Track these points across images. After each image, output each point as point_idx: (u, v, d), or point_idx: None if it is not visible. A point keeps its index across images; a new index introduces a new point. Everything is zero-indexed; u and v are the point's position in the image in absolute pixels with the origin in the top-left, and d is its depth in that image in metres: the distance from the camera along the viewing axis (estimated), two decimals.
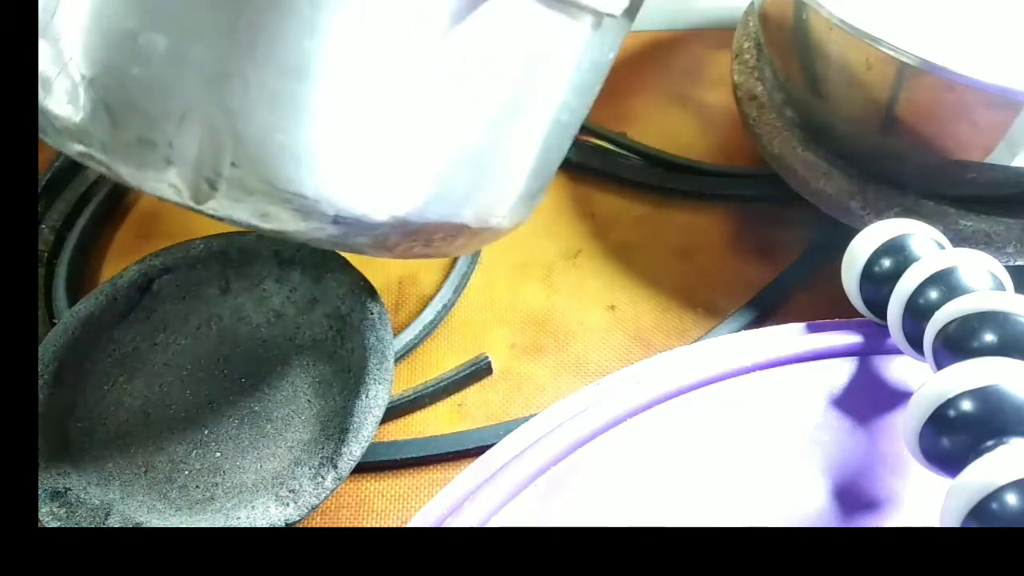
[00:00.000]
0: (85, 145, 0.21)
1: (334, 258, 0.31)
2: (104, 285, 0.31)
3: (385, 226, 0.23)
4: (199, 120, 0.20)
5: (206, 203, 0.21)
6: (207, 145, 0.20)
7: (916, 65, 0.26)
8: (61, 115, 0.21)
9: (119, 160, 0.21)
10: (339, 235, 0.22)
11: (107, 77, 0.20)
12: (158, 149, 0.20)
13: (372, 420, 0.28)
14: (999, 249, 0.30)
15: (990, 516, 0.17)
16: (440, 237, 0.24)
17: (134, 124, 0.20)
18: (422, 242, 0.24)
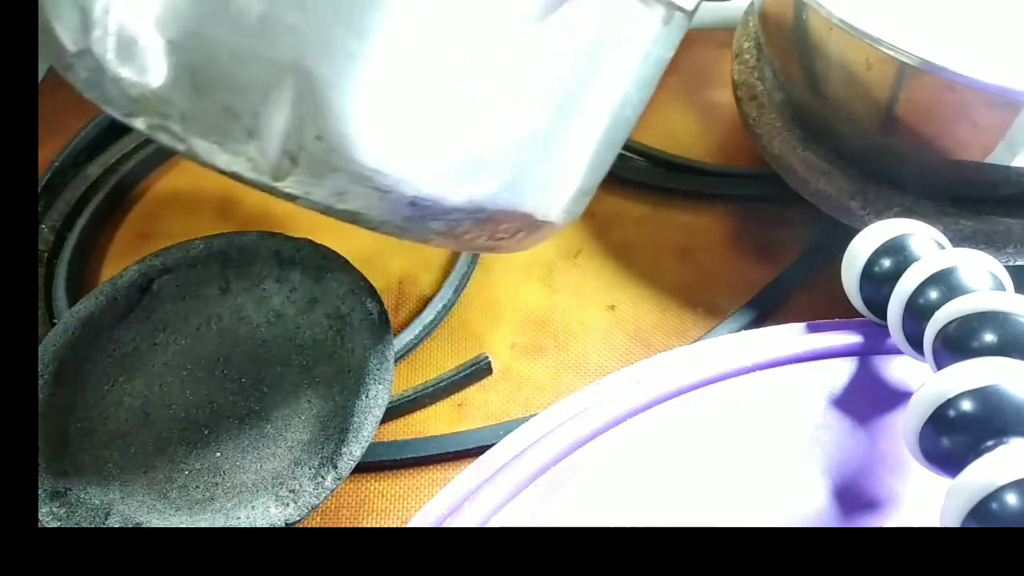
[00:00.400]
0: (161, 116, 0.20)
1: (334, 258, 0.31)
2: (104, 285, 0.31)
3: (460, 211, 0.22)
4: (289, 90, 0.19)
5: (284, 180, 0.20)
6: (294, 116, 0.20)
7: (916, 65, 0.26)
8: (139, 82, 0.20)
9: (197, 131, 0.20)
10: (413, 218, 0.22)
11: (194, 42, 0.19)
12: (241, 120, 0.20)
13: (372, 420, 0.28)
14: (999, 249, 0.30)
15: (990, 516, 0.17)
16: (505, 228, 0.24)
17: (219, 92, 0.19)
18: (488, 233, 0.24)
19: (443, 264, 0.37)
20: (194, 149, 0.20)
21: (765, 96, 0.36)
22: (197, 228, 0.39)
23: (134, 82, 0.20)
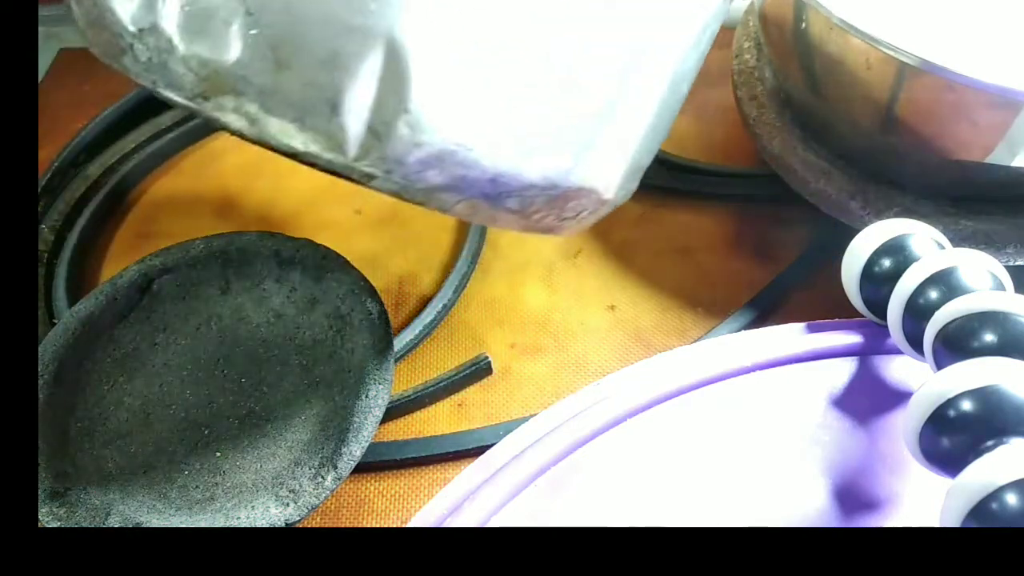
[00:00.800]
0: (235, 94, 0.19)
1: (334, 258, 0.31)
2: (104, 285, 0.31)
3: (536, 188, 0.22)
4: (377, 61, 0.18)
5: (365, 158, 0.20)
6: (381, 90, 0.19)
7: (916, 65, 0.26)
8: (212, 58, 0.19)
9: (275, 109, 0.19)
10: (491, 196, 0.22)
11: (276, 11, 0.18)
12: (325, 94, 0.19)
13: (372, 420, 0.28)
14: (999, 249, 0.30)
15: (990, 516, 0.17)
16: (572, 206, 0.24)
17: (302, 66, 0.18)
18: (556, 212, 0.24)
19: (443, 264, 0.37)
20: (267, 130, 0.19)
21: (765, 96, 0.36)
22: (197, 228, 0.39)
23: (206, 59, 0.19)
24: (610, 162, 0.24)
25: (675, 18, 0.23)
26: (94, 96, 0.46)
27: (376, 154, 0.20)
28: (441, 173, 0.21)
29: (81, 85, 0.48)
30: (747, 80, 0.37)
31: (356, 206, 0.40)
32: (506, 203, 0.22)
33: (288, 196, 0.40)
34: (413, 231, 0.38)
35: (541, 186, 0.22)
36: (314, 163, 0.20)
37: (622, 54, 0.22)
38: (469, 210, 0.22)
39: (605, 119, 0.23)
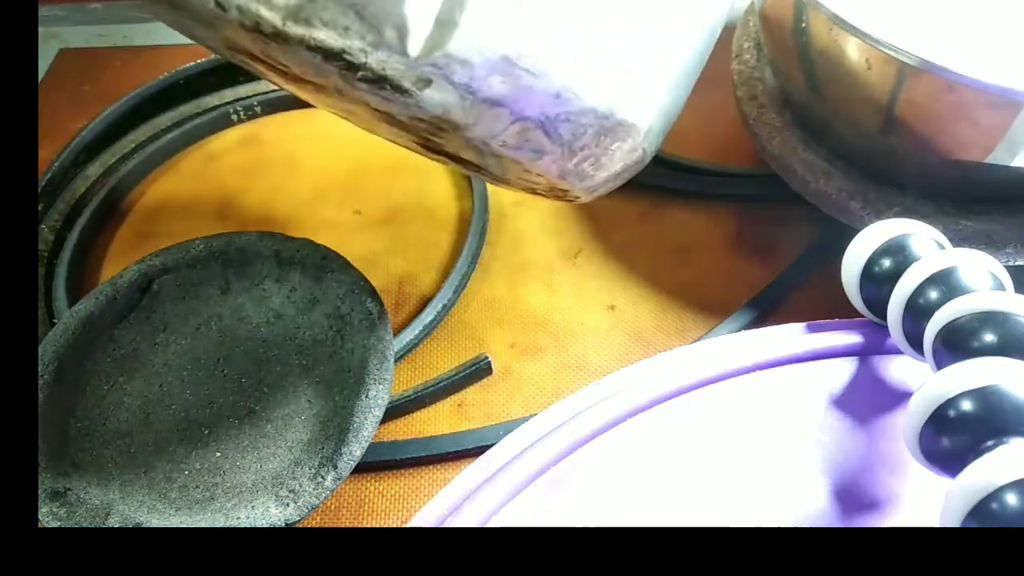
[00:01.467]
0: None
1: (334, 258, 0.31)
2: (104, 285, 0.31)
3: (592, 114, 0.22)
4: None
5: (428, 56, 0.18)
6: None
7: (916, 65, 0.26)
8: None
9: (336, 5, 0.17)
10: (548, 117, 0.21)
11: None
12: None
13: (372, 420, 0.28)
14: (999, 249, 0.30)
15: (990, 516, 0.17)
16: (614, 148, 0.24)
17: None
18: (596, 153, 0.23)
19: (443, 264, 0.37)
20: (317, 33, 0.17)
21: (765, 96, 0.36)
22: (197, 228, 0.39)
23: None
24: (652, 106, 0.24)
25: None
26: (94, 96, 0.46)
27: (440, 52, 0.18)
28: (506, 80, 0.20)
29: (81, 85, 0.48)
30: (747, 80, 0.37)
31: (356, 206, 0.40)
32: (559, 129, 0.21)
33: (288, 196, 0.40)
34: (413, 231, 0.38)
35: (598, 112, 0.22)
36: (355, 72, 0.19)
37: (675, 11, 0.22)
38: (517, 139, 0.21)
39: (658, 60, 0.23)
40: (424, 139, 0.24)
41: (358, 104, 0.22)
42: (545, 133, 0.22)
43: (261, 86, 0.45)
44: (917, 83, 0.27)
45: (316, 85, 0.21)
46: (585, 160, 0.24)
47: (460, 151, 0.24)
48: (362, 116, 0.24)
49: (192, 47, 0.50)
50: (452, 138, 0.22)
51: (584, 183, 0.25)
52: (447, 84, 0.19)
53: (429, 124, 0.21)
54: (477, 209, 0.38)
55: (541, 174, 0.24)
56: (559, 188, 0.25)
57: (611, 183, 0.26)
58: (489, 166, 0.25)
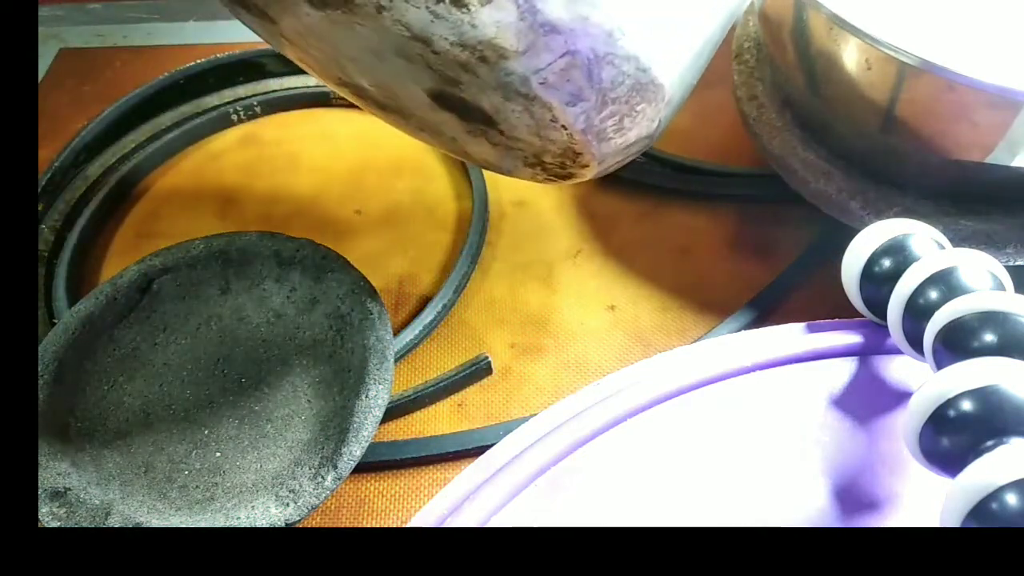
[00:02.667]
0: None
1: (334, 258, 0.31)
2: (104, 285, 0.31)
3: (634, 62, 0.22)
4: None
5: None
6: None
7: (916, 65, 0.26)
8: None
9: None
10: (596, 55, 0.21)
11: None
12: None
13: (372, 420, 0.28)
14: (999, 249, 0.30)
15: (990, 516, 0.17)
16: (639, 110, 0.24)
17: None
18: (624, 112, 0.24)
19: (443, 264, 0.37)
20: None
21: (765, 96, 0.36)
22: (197, 228, 0.39)
23: None
24: (681, 76, 0.24)
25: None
26: (94, 96, 0.46)
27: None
28: (568, 7, 0.20)
29: (81, 85, 0.48)
30: (747, 80, 0.37)
31: (356, 206, 0.40)
32: (602, 72, 0.22)
33: (288, 196, 0.40)
34: (413, 231, 0.38)
35: (640, 63, 0.22)
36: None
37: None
38: (559, 76, 0.21)
39: (694, 31, 0.23)
40: (446, 81, 0.23)
41: (386, 31, 0.21)
42: (588, 74, 0.21)
43: (261, 86, 0.45)
44: (917, 83, 0.27)
45: (346, 5, 0.21)
46: (611, 117, 0.23)
47: (480, 97, 0.23)
48: (368, 59, 0.24)
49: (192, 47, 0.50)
50: (484, 76, 0.22)
51: (600, 147, 0.25)
52: (511, 1, 0.19)
53: (470, 54, 0.21)
54: (477, 209, 0.38)
55: (566, 126, 0.23)
56: (573, 151, 0.25)
57: (619, 156, 0.26)
58: (507, 119, 0.24)
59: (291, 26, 0.25)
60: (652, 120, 0.25)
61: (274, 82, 0.45)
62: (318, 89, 0.44)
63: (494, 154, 0.28)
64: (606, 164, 0.26)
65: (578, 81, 0.22)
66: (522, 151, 0.26)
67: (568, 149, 0.25)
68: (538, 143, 0.25)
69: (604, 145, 0.25)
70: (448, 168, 0.41)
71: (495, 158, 0.28)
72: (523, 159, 0.27)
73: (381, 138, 0.42)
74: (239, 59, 0.45)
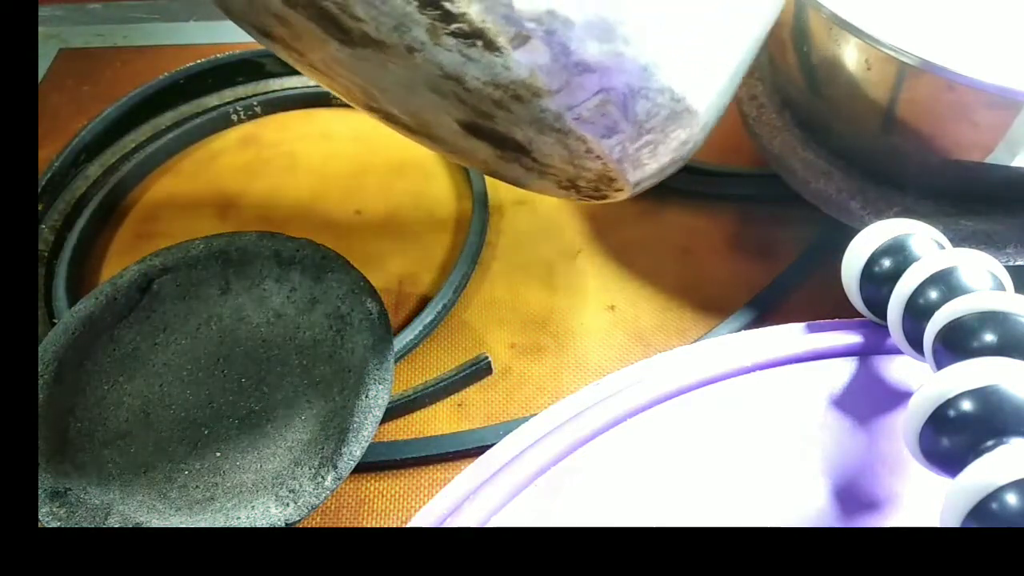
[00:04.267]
0: None
1: (334, 258, 0.31)
2: (104, 285, 0.31)
3: (669, 94, 0.22)
4: None
5: (535, 9, 0.18)
6: None
7: (916, 65, 0.26)
8: None
9: None
10: (631, 90, 0.21)
11: None
12: None
13: (372, 420, 0.28)
14: (999, 249, 0.30)
15: (990, 516, 0.17)
16: (674, 137, 0.24)
17: None
18: (659, 140, 0.23)
19: (443, 264, 0.37)
20: None
21: (765, 96, 0.36)
22: (197, 228, 0.39)
23: None
24: (715, 101, 0.24)
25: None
26: (94, 96, 0.46)
27: (545, 7, 0.18)
28: (601, 46, 0.19)
29: (81, 85, 0.48)
30: (747, 80, 0.37)
31: (356, 206, 0.40)
32: (636, 106, 0.21)
33: (288, 196, 0.40)
34: (413, 231, 0.38)
35: (674, 94, 0.22)
36: (448, 23, 0.18)
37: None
38: (594, 112, 0.21)
39: (729, 56, 0.23)
40: (479, 114, 0.23)
41: (417, 68, 0.21)
42: (623, 108, 0.21)
43: (261, 86, 0.45)
44: (917, 83, 0.27)
45: (377, 45, 0.20)
46: (646, 145, 0.23)
47: (513, 129, 0.23)
48: (399, 91, 0.24)
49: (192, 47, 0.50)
50: (517, 112, 0.22)
51: (635, 173, 0.24)
52: (544, 43, 0.18)
53: (503, 92, 0.20)
54: (477, 209, 0.38)
55: (601, 156, 0.23)
56: (608, 177, 0.25)
57: (654, 179, 0.26)
58: (540, 149, 0.24)
59: (320, 58, 0.25)
60: (686, 143, 0.25)
61: (274, 82, 0.45)
62: (318, 89, 0.44)
63: (527, 177, 0.28)
64: (641, 187, 0.26)
65: (613, 116, 0.21)
66: (556, 176, 0.26)
67: (603, 176, 0.25)
68: (572, 170, 0.25)
69: (639, 171, 0.24)
70: (448, 168, 0.41)
71: (528, 180, 0.28)
72: (557, 182, 0.27)
73: (381, 138, 0.42)
74: (239, 59, 0.45)
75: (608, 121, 0.22)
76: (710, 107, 0.24)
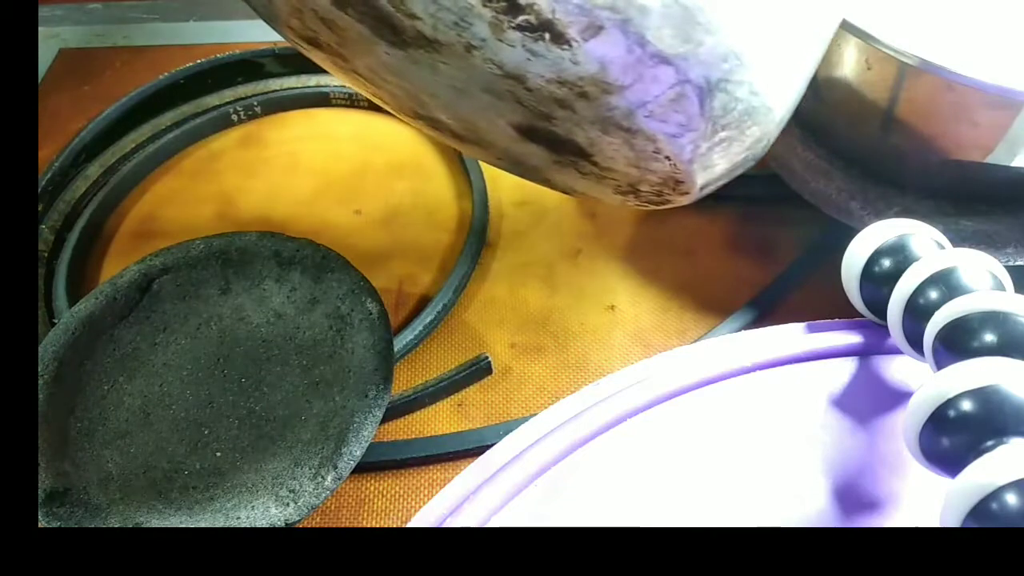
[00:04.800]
0: None
1: (334, 258, 0.31)
2: (104, 285, 0.31)
3: (747, 87, 0.21)
4: None
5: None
6: None
7: (916, 65, 0.26)
8: None
9: None
10: (709, 83, 0.19)
11: None
12: None
13: (372, 420, 0.28)
14: (999, 249, 0.30)
15: (990, 516, 0.17)
16: (749, 134, 0.22)
17: None
18: (732, 138, 0.22)
19: (443, 264, 0.37)
20: None
21: None
22: (197, 228, 0.39)
23: None
24: (791, 97, 0.23)
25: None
26: (94, 96, 0.46)
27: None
28: (680, 34, 0.18)
29: (81, 85, 0.48)
30: None
31: (356, 206, 0.40)
32: (714, 100, 0.20)
33: (288, 196, 0.40)
34: (413, 231, 0.38)
35: (752, 87, 0.20)
36: (515, 15, 0.17)
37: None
38: (668, 108, 0.19)
39: (808, 53, 0.22)
40: (538, 116, 0.22)
41: (474, 68, 0.19)
42: (699, 102, 0.20)
43: (261, 86, 0.45)
44: (917, 83, 0.27)
45: (431, 45, 0.19)
46: (720, 144, 0.22)
47: (574, 131, 0.22)
48: (449, 94, 0.22)
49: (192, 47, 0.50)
50: (582, 111, 0.20)
51: (704, 175, 0.23)
52: (619, 33, 0.17)
53: (569, 90, 0.19)
54: (477, 209, 0.38)
55: (671, 157, 0.22)
56: (675, 179, 0.23)
57: (722, 180, 0.25)
58: (602, 151, 0.22)
59: (366, 64, 0.24)
60: (759, 141, 0.23)
61: (274, 82, 0.45)
62: (318, 89, 0.44)
63: (582, 183, 0.26)
64: (707, 190, 0.25)
65: (688, 111, 0.20)
66: (615, 181, 0.25)
67: (669, 178, 0.23)
68: (636, 173, 0.24)
69: (708, 172, 0.23)
70: (448, 168, 0.41)
71: (583, 187, 0.27)
72: (615, 187, 0.26)
73: (381, 138, 0.42)
74: (239, 59, 0.45)
75: (681, 118, 0.20)
76: (787, 103, 0.23)
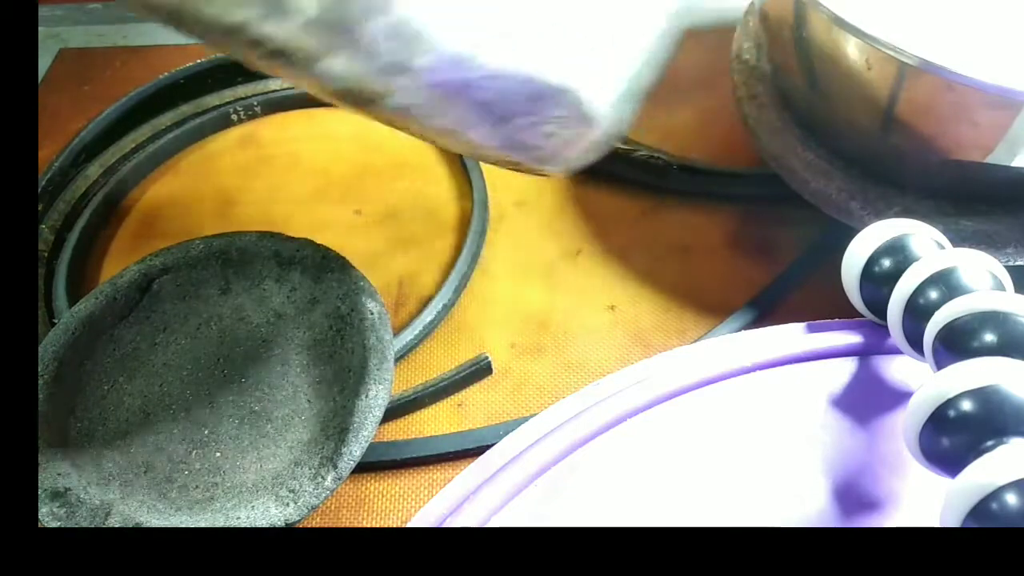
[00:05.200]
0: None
1: (334, 258, 0.31)
2: (104, 285, 0.31)
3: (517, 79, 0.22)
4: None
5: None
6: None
7: (916, 65, 0.26)
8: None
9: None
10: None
11: None
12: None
13: (372, 420, 0.28)
14: (999, 249, 0.30)
15: (990, 516, 0.17)
16: (554, 117, 0.24)
17: None
18: (535, 120, 0.24)
19: (443, 264, 0.37)
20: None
21: (765, 96, 0.36)
22: (197, 228, 0.39)
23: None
24: (599, 70, 0.24)
25: None
26: (94, 96, 0.46)
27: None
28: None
29: (81, 85, 0.48)
30: (747, 80, 0.37)
31: (356, 206, 0.40)
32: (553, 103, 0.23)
33: (288, 196, 0.40)
34: (413, 231, 0.38)
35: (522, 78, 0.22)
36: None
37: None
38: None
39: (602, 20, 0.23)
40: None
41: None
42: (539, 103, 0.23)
43: (261, 86, 0.45)
44: (917, 83, 0.27)
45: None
46: (526, 131, 0.24)
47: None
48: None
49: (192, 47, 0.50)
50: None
51: (543, 162, 0.25)
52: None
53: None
54: (477, 209, 0.38)
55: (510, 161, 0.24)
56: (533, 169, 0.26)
57: (581, 151, 0.26)
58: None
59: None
60: (587, 124, 0.25)
61: (274, 82, 0.45)
62: None
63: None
64: (569, 158, 0.27)
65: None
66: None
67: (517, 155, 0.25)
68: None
69: (544, 154, 0.25)
70: (448, 169, 0.41)
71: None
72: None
73: (381, 139, 0.42)
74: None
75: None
76: (609, 109, 0.24)
